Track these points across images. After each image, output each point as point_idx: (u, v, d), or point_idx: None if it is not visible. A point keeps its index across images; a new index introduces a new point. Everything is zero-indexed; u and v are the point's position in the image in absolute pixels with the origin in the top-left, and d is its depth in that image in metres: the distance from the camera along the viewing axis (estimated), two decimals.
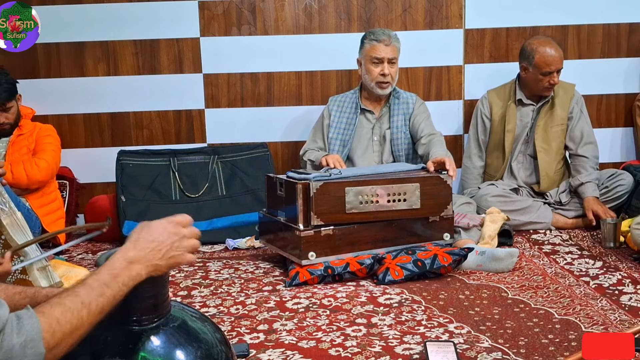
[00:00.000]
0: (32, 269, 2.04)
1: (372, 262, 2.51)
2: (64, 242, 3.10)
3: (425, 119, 3.29)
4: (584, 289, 2.33)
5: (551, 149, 3.40)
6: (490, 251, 2.61)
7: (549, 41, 3.36)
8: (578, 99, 3.45)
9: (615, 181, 3.30)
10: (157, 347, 1.16)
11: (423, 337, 1.91)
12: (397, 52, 3.23)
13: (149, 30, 3.65)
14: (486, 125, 3.51)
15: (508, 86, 3.48)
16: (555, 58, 3.29)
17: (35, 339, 0.96)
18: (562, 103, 3.41)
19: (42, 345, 0.97)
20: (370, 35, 3.24)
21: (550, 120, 3.40)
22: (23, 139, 3.26)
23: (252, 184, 3.51)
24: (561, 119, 3.41)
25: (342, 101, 3.38)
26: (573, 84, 3.47)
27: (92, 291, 1.05)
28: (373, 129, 3.33)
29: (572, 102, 3.42)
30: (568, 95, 3.42)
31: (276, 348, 1.87)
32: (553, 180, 3.41)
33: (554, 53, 3.29)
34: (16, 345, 0.94)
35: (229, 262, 2.88)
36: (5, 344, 0.94)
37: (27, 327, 0.96)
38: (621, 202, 3.29)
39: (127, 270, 1.10)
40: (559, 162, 3.44)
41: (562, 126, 3.42)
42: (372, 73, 3.21)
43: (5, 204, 2.06)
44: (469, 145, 3.58)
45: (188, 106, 3.74)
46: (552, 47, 3.31)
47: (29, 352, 0.95)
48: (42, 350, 0.97)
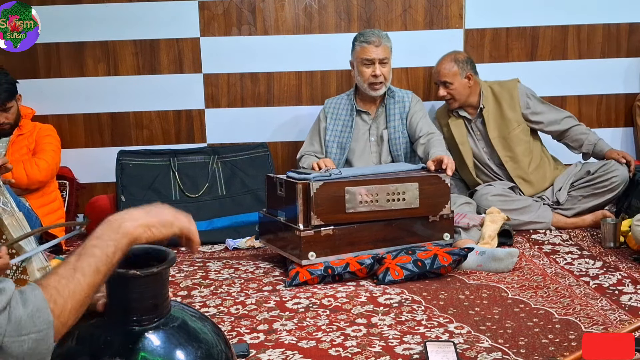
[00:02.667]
0: (33, 269, 2.03)
1: (372, 262, 2.51)
2: (63, 242, 3.10)
3: (423, 117, 3.28)
4: (584, 289, 2.33)
5: (516, 154, 3.36)
6: (490, 251, 2.61)
7: (448, 54, 3.43)
8: (525, 92, 3.40)
9: (607, 170, 3.23)
10: (157, 347, 1.16)
11: (423, 337, 1.91)
12: (389, 52, 3.23)
13: (149, 30, 3.65)
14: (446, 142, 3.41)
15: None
16: (435, 70, 3.43)
17: (41, 307, 0.97)
18: (510, 104, 3.37)
19: (49, 313, 0.97)
20: (360, 37, 3.25)
21: (505, 127, 3.37)
22: (23, 139, 3.26)
23: (252, 184, 3.51)
24: (516, 121, 3.37)
25: (338, 103, 3.38)
26: (516, 80, 3.44)
27: (82, 255, 1.05)
28: (370, 129, 3.33)
29: (522, 99, 3.38)
30: (513, 94, 3.38)
31: (276, 348, 1.87)
32: (534, 183, 3.37)
33: (436, 67, 3.43)
34: (24, 316, 0.95)
35: (229, 262, 2.88)
36: (13, 316, 0.94)
37: (31, 298, 0.97)
38: (616, 194, 3.23)
39: (111, 228, 1.09)
40: (532, 162, 3.39)
41: (520, 127, 3.38)
42: (364, 74, 3.21)
43: (7, 204, 2.06)
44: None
45: (188, 106, 3.74)
46: (442, 60, 3.41)
47: (38, 321, 0.96)
48: (50, 318, 0.97)
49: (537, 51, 3.75)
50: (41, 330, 0.96)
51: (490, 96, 3.40)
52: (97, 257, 1.05)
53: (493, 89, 3.42)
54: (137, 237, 1.10)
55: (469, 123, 3.44)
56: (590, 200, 3.25)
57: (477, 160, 3.45)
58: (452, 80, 3.35)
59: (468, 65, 3.38)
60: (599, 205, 3.27)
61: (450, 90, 3.36)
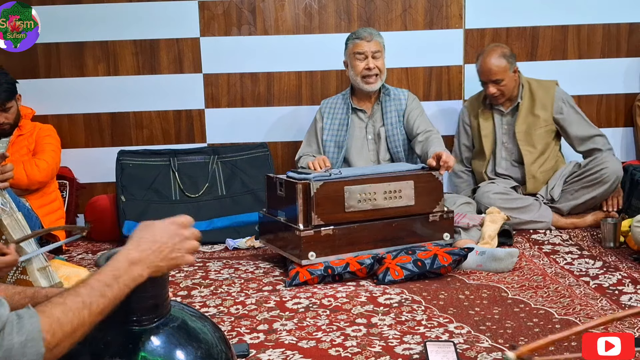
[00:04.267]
0: (33, 269, 2.04)
1: (372, 262, 2.51)
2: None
3: (420, 114, 3.28)
4: (584, 289, 2.33)
5: (536, 151, 3.37)
6: (490, 251, 2.61)
7: (493, 49, 3.32)
8: (562, 97, 3.39)
9: (597, 163, 3.19)
10: (157, 347, 1.16)
11: (423, 337, 1.91)
12: (381, 47, 3.23)
13: (149, 30, 3.65)
14: (468, 132, 3.54)
15: (482, 92, 3.47)
16: (485, 69, 3.28)
17: (35, 338, 0.95)
18: (544, 104, 3.36)
19: (42, 345, 0.96)
20: (352, 35, 3.27)
21: (534, 123, 3.36)
22: (23, 139, 3.26)
23: (252, 184, 3.51)
24: (544, 120, 3.37)
25: (334, 103, 3.38)
26: (554, 81, 3.42)
27: (94, 291, 1.05)
28: (366, 127, 3.33)
29: (556, 102, 3.37)
30: (549, 94, 3.37)
31: (276, 348, 1.87)
32: (539, 182, 3.37)
33: (485, 64, 3.28)
34: (16, 344, 0.94)
35: (229, 262, 2.88)
36: (5, 342, 0.93)
37: (27, 326, 0.96)
38: (609, 187, 3.17)
39: (128, 271, 1.10)
40: (545, 163, 3.39)
41: (546, 127, 3.37)
42: (357, 68, 3.21)
43: (7, 204, 2.06)
44: (454, 153, 3.59)
45: (188, 106, 3.74)
46: (490, 56, 3.28)
47: (29, 351, 0.95)
48: (41, 350, 0.96)
49: (537, 51, 3.75)
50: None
51: (527, 91, 3.39)
52: (108, 298, 1.06)
53: (530, 84, 3.40)
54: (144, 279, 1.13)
55: (501, 116, 3.43)
56: (583, 194, 3.22)
57: (493, 155, 3.45)
58: (503, 76, 3.29)
59: (514, 58, 3.34)
60: (593, 200, 3.23)
61: (501, 87, 3.31)
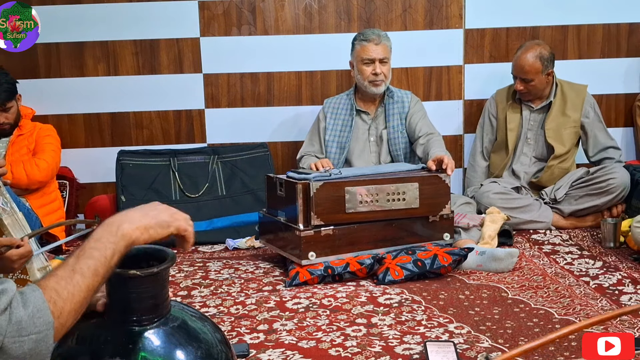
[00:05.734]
0: (33, 269, 2.03)
1: (372, 262, 2.51)
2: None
3: (422, 117, 3.29)
4: (584, 289, 2.33)
5: (564, 148, 3.38)
6: (490, 251, 2.61)
7: (532, 47, 3.32)
8: (590, 101, 3.43)
9: (605, 172, 3.20)
10: (157, 347, 1.16)
11: (423, 337, 1.91)
12: (388, 51, 3.24)
13: (149, 30, 3.65)
14: (493, 124, 3.55)
15: (512, 85, 3.48)
16: (519, 65, 3.30)
17: (41, 308, 0.98)
18: (574, 105, 3.39)
19: (50, 314, 0.98)
20: (360, 36, 3.26)
21: (564, 123, 3.39)
22: (23, 139, 3.26)
23: (252, 184, 3.51)
24: (573, 121, 3.40)
25: (337, 103, 3.38)
26: (585, 85, 3.46)
27: (80, 257, 1.06)
28: (369, 129, 3.34)
29: (585, 105, 3.41)
30: (580, 97, 3.41)
31: (276, 348, 1.87)
32: (554, 177, 3.38)
33: (520, 60, 3.30)
34: (24, 317, 0.96)
35: (229, 262, 2.88)
36: (14, 317, 0.95)
37: (31, 298, 0.98)
38: (614, 197, 3.18)
39: (109, 230, 1.10)
40: (564, 162, 3.40)
41: (574, 128, 3.40)
42: (364, 73, 3.22)
43: (7, 204, 2.05)
44: (475, 144, 3.61)
45: (188, 106, 3.74)
46: (526, 53, 3.29)
47: (38, 322, 0.97)
48: (50, 319, 0.98)
49: None
50: (41, 331, 0.97)
51: (559, 92, 3.41)
52: (96, 259, 1.06)
53: (562, 85, 3.43)
54: (135, 240, 1.11)
55: (530, 112, 3.44)
56: (586, 201, 3.22)
57: (514, 150, 3.46)
58: (534, 77, 3.31)
59: (551, 62, 3.34)
60: (595, 208, 3.23)
61: (529, 86, 3.33)
